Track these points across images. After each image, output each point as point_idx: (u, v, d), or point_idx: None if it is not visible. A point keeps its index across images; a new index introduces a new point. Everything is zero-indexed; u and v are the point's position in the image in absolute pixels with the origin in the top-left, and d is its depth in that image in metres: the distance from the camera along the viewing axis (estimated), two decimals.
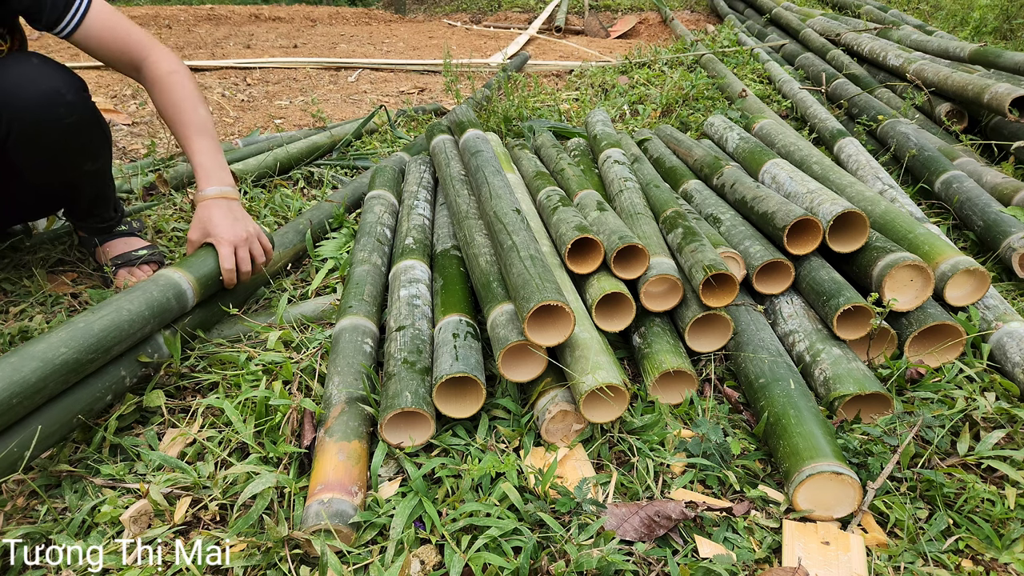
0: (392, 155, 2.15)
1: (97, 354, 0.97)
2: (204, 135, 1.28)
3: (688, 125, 2.57)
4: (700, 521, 0.91)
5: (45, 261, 1.57)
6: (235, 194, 1.29)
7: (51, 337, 0.94)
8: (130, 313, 1.04)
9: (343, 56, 4.45)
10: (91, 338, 0.97)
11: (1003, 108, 1.90)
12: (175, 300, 1.13)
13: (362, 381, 1.06)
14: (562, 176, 1.71)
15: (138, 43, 1.27)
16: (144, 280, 1.14)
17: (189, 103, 1.27)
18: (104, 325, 0.99)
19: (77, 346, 0.94)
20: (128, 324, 1.03)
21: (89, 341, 0.96)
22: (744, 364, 1.15)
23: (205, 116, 1.29)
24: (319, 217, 1.72)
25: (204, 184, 1.25)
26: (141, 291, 1.09)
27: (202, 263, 1.22)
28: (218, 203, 1.25)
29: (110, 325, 1.00)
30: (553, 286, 1.03)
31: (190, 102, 1.27)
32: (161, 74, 1.27)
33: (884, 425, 1.04)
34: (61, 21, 1.20)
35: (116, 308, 1.03)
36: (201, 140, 1.27)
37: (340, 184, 2.11)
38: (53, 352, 0.91)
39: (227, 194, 1.26)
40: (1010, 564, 0.85)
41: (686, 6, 5.97)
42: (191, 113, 1.27)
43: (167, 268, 1.16)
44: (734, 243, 1.38)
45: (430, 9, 7.45)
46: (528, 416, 1.06)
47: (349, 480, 0.90)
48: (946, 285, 1.24)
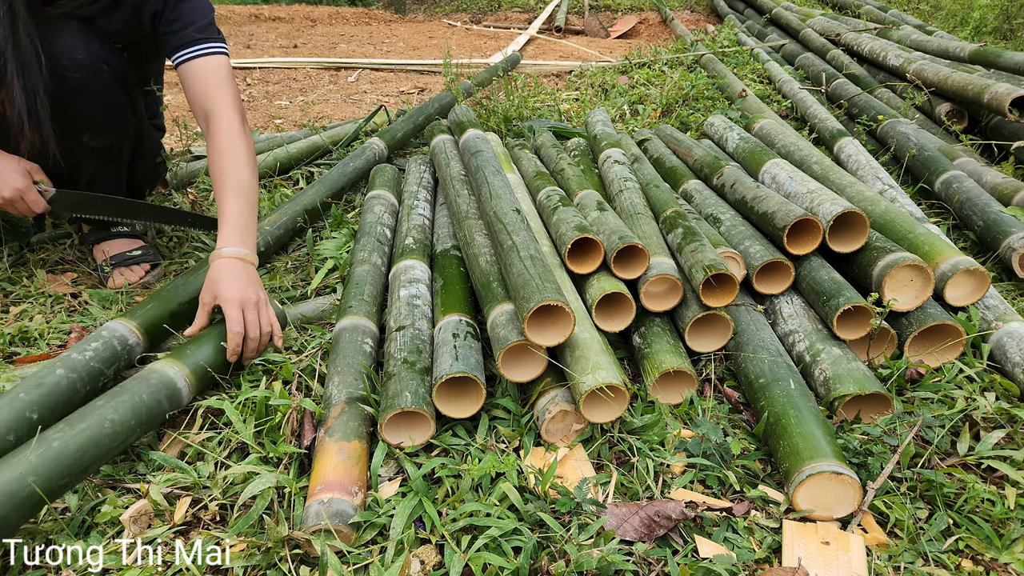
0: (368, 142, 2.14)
1: (71, 477, 0.85)
2: (240, 197, 1.25)
3: (688, 125, 2.57)
4: (700, 521, 0.91)
5: (45, 261, 1.57)
6: (253, 259, 1.22)
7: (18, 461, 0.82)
8: (113, 425, 0.91)
9: (343, 56, 4.45)
10: (66, 459, 0.85)
11: (1003, 108, 1.90)
12: (167, 401, 1.00)
13: (362, 381, 1.06)
14: (562, 176, 1.71)
15: (218, 99, 1.31)
16: (134, 379, 1.00)
17: (236, 164, 1.28)
18: (81, 443, 0.87)
19: (48, 472, 0.82)
20: (110, 439, 0.90)
21: (63, 464, 0.84)
22: (744, 364, 1.15)
23: (249, 180, 1.29)
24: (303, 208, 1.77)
25: (223, 243, 1.20)
26: (129, 395, 0.96)
27: (198, 350, 1.09)
28: (233, 264, 1.18)
29: (88, 442, 0.87)
30: (553, 286, 1.03)
31: (237, 163, 1.28)
32: (221, 131, 1.30)
33: (884, 425, 1.04)
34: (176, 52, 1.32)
35: (98, 421, 0.90)
36: (235, 200, 1.24)
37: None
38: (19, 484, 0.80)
39: (244, 256, 1.20)
40: (1010, 564, 0.85)
41: (686, 6, 5.97)
42: (234, 173, 1.27)
43: (160, 362, 1.04)
44: (734, 243, 1.38)
45: (430, 9, 7.45)
46: (528, 416, 1.06)
47: (349, 480, 0.90)
48: (946, 285, 1.24)
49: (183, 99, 3.24)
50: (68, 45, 1.25)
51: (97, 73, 1.30)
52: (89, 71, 1.29)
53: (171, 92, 3.37)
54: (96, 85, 1.31)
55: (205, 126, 1.33)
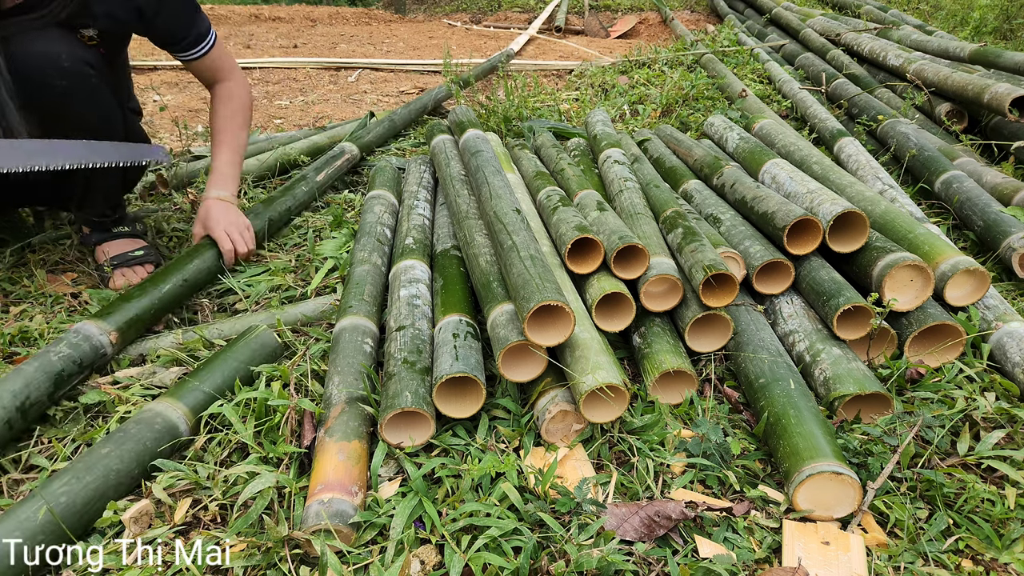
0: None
1: (75, 530, 0.85)
2: (232, 150, 1.54)
3: (688, 125, 2.57)
4: (700, 521, 0.91)
5: (45, 261, 1.57)
6: (234, 200, 1.52)
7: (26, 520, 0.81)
8: (118, 476, 0.91)
9: (343, 56, 4.45)
10: (74, 515, 0.85)
11: (1003, 108, 1.90)
12: (168, 445, 0.99)
13: (362, 381, 1.06)
14: (562, 176, 1.71)
15: (225, 69, 1.55)
16: (137, 422, 0.98)
17: (233, 121, 1.55)
18: (88, 497, 0.87)
19: (56, 529, 0.82)
20: (115, 489, 0.90)
21: (71, 520, 0.84)
22: (744, 364, 1.15)
23: (241, 136, 1.57)
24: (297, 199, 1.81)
25: (210, 188, 1.50)
26: (133, 443, 0.94)
27: (194, 390, 1.06)
28: (217, 203, 1.49)
29: (95, 495, 0.87)
30: (553, 286, 1.03)
31: (234, 121, 1.55)
32: (224, 94, 1.55)
33: (884, 425, 1.04)
34: (189, 51, 1.46)
35: (104, 473, 0.89)
36: (227, 152, 1.53)
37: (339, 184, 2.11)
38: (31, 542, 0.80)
39: (224, 198, 1.50)
40: (1010, 564, 0.85)
41: (686, 6, 5.97)
42: (230, 130, 1.54)
43: (162, 403, 1.02)
44: (734, 243, 1.37)
45: (430, 9, 7.45)
46: (528, 416, 1.06)
47: (349, 480, 0.90)
48: (946, 285, 1.24)
49: (183, 99, 3.24)
50: (52, 53, 1.24)
51: (84, 78, 1.29)
52: (75, 77, 1.28)
53: (171, 92, 3.37)
54: (85, 89, 1.31)
55: (210, 88, 1.56)
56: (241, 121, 1.56)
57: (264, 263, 1.57)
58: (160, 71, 3.76)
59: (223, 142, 1.53)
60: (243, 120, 1.56)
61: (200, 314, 1.42)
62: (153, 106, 3.08)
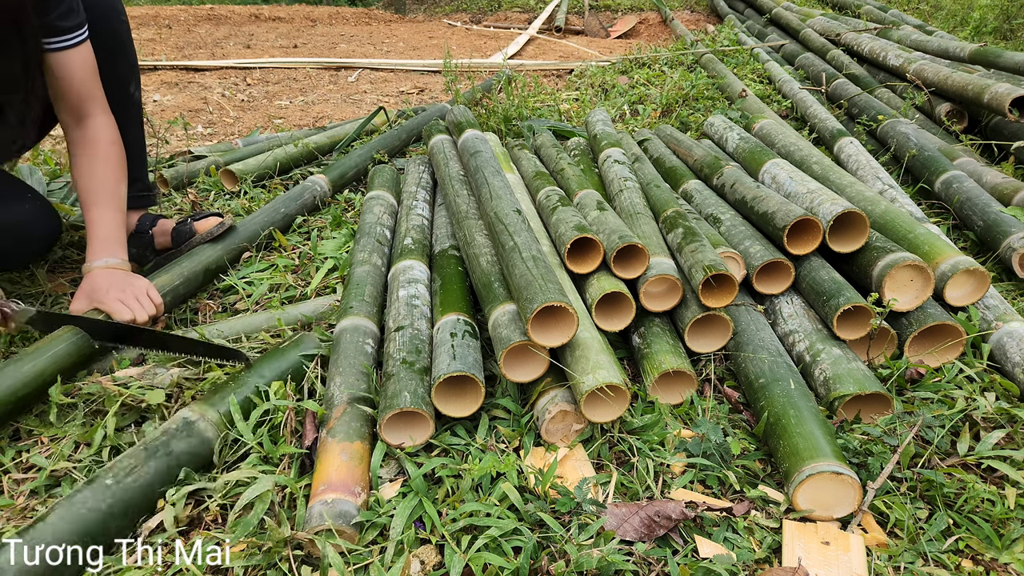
0: None
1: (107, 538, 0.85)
2: (115, 210, 1.29)
3: (688, 125, 2.57)
4: (700, 521, 0.91)
5: (45, 261, 1.57)
6: (126, 266, 1.28)
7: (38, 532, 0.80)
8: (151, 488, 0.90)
9: (343, 56, 4.45)
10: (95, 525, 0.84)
11: (1003, 108, 1.89)
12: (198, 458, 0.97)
13: (364, 382, 1.06)
14: (562, 176, 1.71)
15: (96, 99, 1.28)
16: (177, 437, 0.96)
17: (113, 177, 1.30)
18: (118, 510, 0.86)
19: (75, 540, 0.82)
20: (147, 501, 0.90)
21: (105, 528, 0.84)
22: (744, 364, 1.15)
23: (122, 194, 1.32)
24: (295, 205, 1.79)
25: (95, 256, 1.25)
26: (167, 459, 0.93)
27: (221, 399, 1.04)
28: (103, 272, 1.24)
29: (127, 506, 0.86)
30: (556, 287, 1.03)
31: (114, 176, 1.30)
32: (100, 139, 1.29)
33: (884, 425, 1.04)
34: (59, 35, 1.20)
35: (134, 479, 0.89)
36: (109, 211, 1.28)
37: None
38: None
39: (115, 265, 1.26)
40: (1010, 564, 0.85)
41: (686, 6, 5.97)
42: (112, 188, 1.29)
43: (197, 414, 0.99)
44: (734, 243, 1.38)
45: (430, 9, 7.45)
46: (528, 416, 1.06)
47: (352, 480, 0.90)
48: (946, 285, 1.24)
49: (183, 99, 3.24)
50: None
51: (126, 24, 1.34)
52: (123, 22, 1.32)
53: (171, 92, 3.37)
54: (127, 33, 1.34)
55: (75, 123, 1.28)
56: (121, 174, 1.32)
57: (267, 260, 1.56)
58: (160, 71, 3.76)
59: (101, 203, 1.27)
60: (123, 172, 1.32)
61: (201, 314, 1.42)
62: (154, 106, 3.08)
